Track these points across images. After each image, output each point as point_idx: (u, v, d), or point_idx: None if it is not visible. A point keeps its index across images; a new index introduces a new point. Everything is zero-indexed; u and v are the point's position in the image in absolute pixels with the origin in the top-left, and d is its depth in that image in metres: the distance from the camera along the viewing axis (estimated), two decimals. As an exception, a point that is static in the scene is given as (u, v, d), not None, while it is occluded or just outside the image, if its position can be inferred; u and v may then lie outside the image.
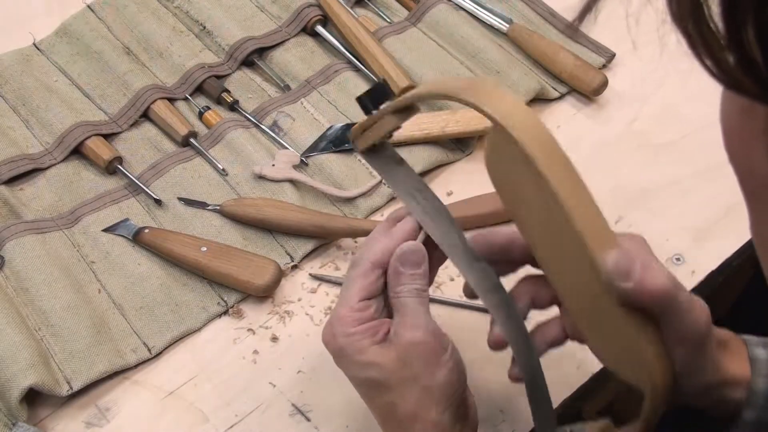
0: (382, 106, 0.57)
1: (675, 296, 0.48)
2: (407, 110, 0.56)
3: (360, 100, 0.57)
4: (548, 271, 0.56)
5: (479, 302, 0.60)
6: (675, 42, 0.33)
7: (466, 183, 0.84)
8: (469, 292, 0.61)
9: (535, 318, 0.60)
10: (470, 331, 0.73)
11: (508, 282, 0.61)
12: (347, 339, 0.57)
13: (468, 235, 0.60)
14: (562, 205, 0.46)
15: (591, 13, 0.38)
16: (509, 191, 0.55)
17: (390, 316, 0.59)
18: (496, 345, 0.59)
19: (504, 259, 0.59)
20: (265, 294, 0.77)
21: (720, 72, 0.32)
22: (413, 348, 0.56)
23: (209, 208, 0.82)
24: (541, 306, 0.60)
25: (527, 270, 0.60)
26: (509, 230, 0.59)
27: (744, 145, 0.36)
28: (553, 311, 0.60)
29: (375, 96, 0.57)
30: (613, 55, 0.95)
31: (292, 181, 0.84)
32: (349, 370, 0.59)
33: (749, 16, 0.29)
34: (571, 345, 0.60)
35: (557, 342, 0.58)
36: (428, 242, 0.59)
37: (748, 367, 0.56)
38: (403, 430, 0.56)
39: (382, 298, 0.60)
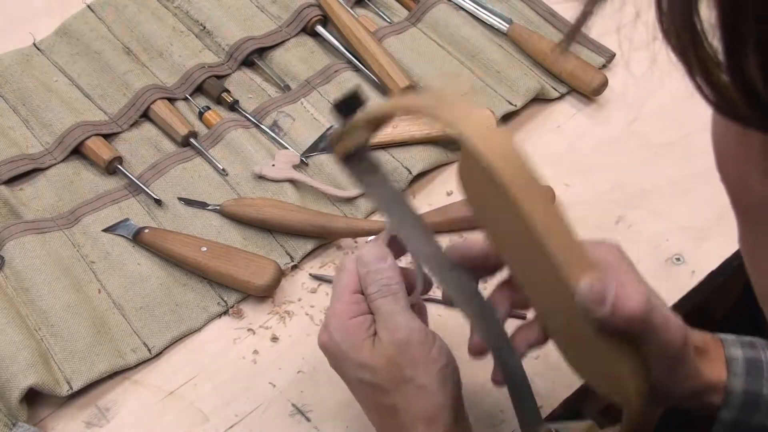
0: (357, 113, 0.56)
1: (649, 319, 0.49)
2: (379, 124, 0.56)
3: (336, 107, 0.56)
4: (523, 287, 0.56)
5: None
6: (666, 60, 0.32)
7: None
8: (448, 300, 0.61)
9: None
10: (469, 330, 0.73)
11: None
12: (343, 333, 0.57)
13: (443, 244, 0.60)
14: (534, 228, 0.45)
15: (580, 31, 0.37)
16: (481, 208, 0.54)
17: None
18: (475, 351, 0.59)
19: (480, 267, 0.59)
20: (265, 294, 0.77)
21: (717, 98, 0.31)
22: (398, 349, 0.56)
23: (209, 208, 0.82)
24: (521, 308, 0.61)
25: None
26: (484, 243, 0.58)
27: (738, 167, 0.35)
28: None
29: (350, 103, 0.56)
30: (613, 55, 0.94)
31: (292, 181, 0.84)
32: (345, 371, 0.59)
33: (751, 41, 0.28)
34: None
35: (537, 343, 0.59)
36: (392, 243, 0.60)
37: (725, 370, 0.58)
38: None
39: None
